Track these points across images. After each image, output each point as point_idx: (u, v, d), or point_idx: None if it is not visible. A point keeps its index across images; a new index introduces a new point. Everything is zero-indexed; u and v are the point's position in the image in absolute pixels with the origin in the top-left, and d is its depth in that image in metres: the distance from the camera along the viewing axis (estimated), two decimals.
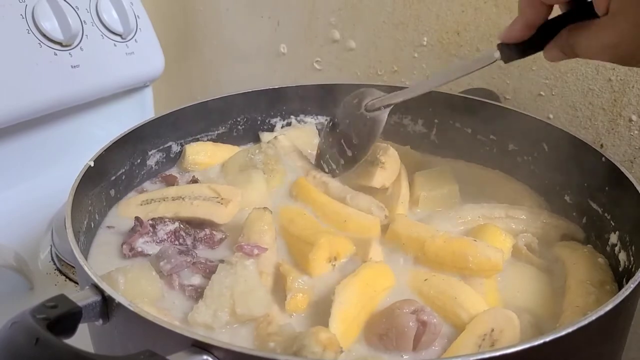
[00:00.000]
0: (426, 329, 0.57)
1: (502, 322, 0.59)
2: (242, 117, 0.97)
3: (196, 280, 0.66)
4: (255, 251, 0.66)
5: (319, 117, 1.00)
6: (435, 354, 0.58)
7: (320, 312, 0.61)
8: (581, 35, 0.59)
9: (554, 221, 0.77)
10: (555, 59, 0.64)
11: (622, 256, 0.68)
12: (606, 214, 0.73)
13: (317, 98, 0.99)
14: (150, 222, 0.72)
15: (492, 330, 0.59)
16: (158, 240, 0.70)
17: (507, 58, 0.66)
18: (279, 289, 0.65)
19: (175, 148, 0.91)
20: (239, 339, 0.59)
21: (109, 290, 0.50)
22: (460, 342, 0.59)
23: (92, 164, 0.72)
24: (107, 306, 0.50)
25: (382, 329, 0.59)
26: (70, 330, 0.47)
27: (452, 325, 0.62)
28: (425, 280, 0.67)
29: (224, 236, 0.73)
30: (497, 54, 0.66)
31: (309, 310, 0.63)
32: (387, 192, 0.84)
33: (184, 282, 0.65)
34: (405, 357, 0.58)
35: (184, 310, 0.62)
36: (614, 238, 0.70)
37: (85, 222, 0.71)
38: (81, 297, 0.49)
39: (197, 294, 0.63)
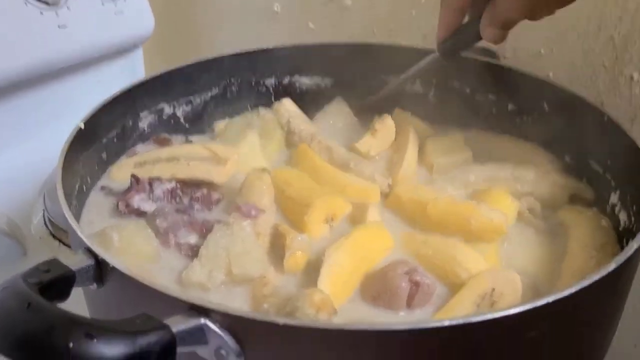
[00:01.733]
0: (419, 289, 0.57)
1: (503, 282, 0.58)
2: (235, 78, 0.94)
3: (192, 239, 0.65)
4: (253, 212, 0.66)
5: (314, 77, 0.98)
6: (429, 314, 0.58)
7: (317, 272, 0.60)
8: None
9: (562, 180, 0.75)
10: (494, 37, 0.68)
11: (622, 216, 0.67)
12: (607, 174, 0.72)
13: (313, 58, 0.96)
14: (148, 179, 0.71)
15: (493, 290, 0.58)
16: (154, 199, 0.70)
17: (445, 55, 0.77)
18: (276, 251, 0.65)
19: (168, 110, 0.89)
20: (233, 301, 0.58)
21: (102, 254, 0.48)
22: (458, 300, 0.58)
23: (82, 126, 0.70)
24: (101, 270, 0.49)
25: (374, 290, 0.59)
26: (64, 294, 0.47)
27: (450, 285, 0.61)
28: (424, 241, 0.66)
29: (220, 196, 0.73)
30: (437, 53, 0.77)
31: (306, 272, 0.62)
32: (392, 160, 0.82)
33: (180, 240, 0.65)
34: (400, 314, 0.58)
35: (180, 271, 0.61)
36: (614, 198, 0.70)
37: (77, 186, 0.69)
38: (74, 261, 0.48)
39: (193, 252, 0.63)
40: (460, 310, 0.57)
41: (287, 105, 0.90)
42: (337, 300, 0.57)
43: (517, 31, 0.66)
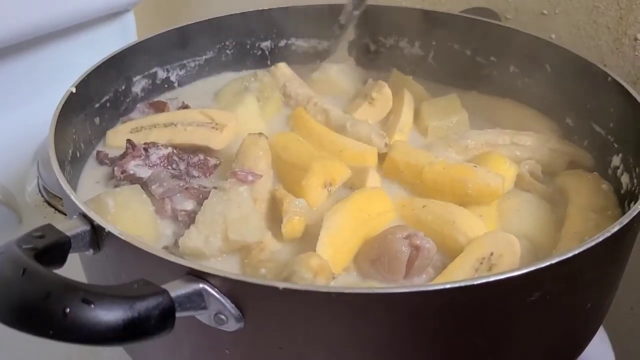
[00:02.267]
0: (419, 253, 0.56)
1: (502, 246, 0.58)
2: (230, 41, 0.92)
3: (189, 205, 0.64)
4: (250, 178, 0.64)
5: (310, 40, 0.95)
6: (429, 278, 0.58)
7: (315, 239, 0.59)
8: None
9: (562, 147, 0.74)
10: None
11: (624, 179, 0.67)
12: (609, 136, 0.71)
13: (309, 20, 0.94)
14: (144, 145, 0.70)
15: (492, 254, 0.57)
16: (150, 164, 0.68)
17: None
18: (273, 216, 0.64)
19: (161, 74, 0.87)
20: (230, 266, 0.58)
21: (98, 219, 0.48)
22: (457, 264, 0.58)
23: (74, 90, 0.68)
24: (96, 235, 0.48)
25: (374, 254, 0.58)
26: (60, 260, 0.46)
27: (449, 251, 0.60)
28: (424, 206, 0.65)
29: (218, 162, 0.72)
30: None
31: (304, 238, 0.62)
32: (387, 121, 0.81)
33: (176, 206, 0.64)
34: (398, 282, 0.57)
35: (176, 238, 0.60)
36: (616, 161, 0.69)
37: (71, 151, 0.68)
38: (69, 226, 0.47)
39: (190, 219, 0.62)
40: (460, 275, 0.56)
41: (283, 69, 0.89)
42: (336, 264, 0.57)
43: None
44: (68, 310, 0.36)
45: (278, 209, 0.63)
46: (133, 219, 0.60)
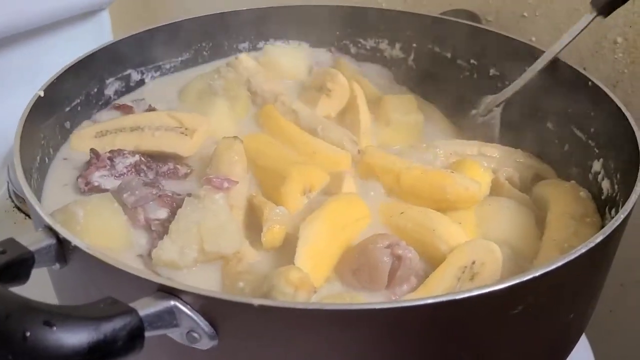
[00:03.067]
0: (401, 263, 0.55)
1: (483, 254, 0.57)
2: (207, 42, 0.90)
3: (162, 214, 0.61)
4: (226, 184, 0.62)
5: (290, 41, 0.94)
6: (411, 288, 0.56)
7: (294, 249, 0.57)
8: None
9: (526, 160, 0.75)
10: None
11: (605, 184, 0.66)
12: (590, 141, 0.71)
13: (287, 21, 0.92)
14: (108, 154, 0.67)
15: (473, 262, 0.57)
16: (117, 175, 0.65)
17: (606, 11, 0.65)
18: (251, 224, 0.62)
19: (136, 76, 0.84)
20: (207, 279, 0.56)
21: (63, 232, 0.45)
22: (439, 273, 0.57)
23: (42, 93, 0.66)
24: (63, 249, 0.46)
25: (355, 264, 0.57)
26: (23, 276, 0.43)
27: (430, 259, 0.59)
28: (402, 213, 0.64)
29: (189, 170, 0.69)
30: (593, 13, 0.65)
31: (283, 246, 0.60)
32: (345, 121, 0.80)
33: (149, 215, 0.61)
34: (380, 292, 0.56)
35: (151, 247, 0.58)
36: (597, 166, 0.68)
37: (39, 157, 0.65)
38: (33, 240, 0.45)
39: (164, 228, 0.59)
40: (442, 284, 0.55)
41: (245, 61, 0.85)
42: (317, 275, 0.55)
43: None
44: (28, 333, 0.34)
45: (256, 217, 0.61)
46: (104, 229, 0.57)
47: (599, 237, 0.46)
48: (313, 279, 0.52)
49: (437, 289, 0.55)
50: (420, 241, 0.60)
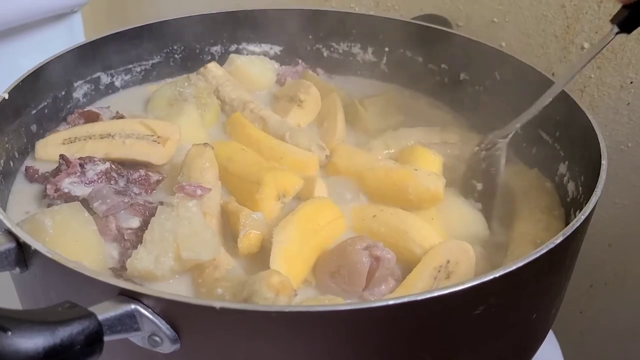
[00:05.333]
0: (380, 264, 0.56)
1: (457, 254, 0.58)
2: (178, 45, 0.89)
3: (135, 223, 0.60)
4: (199, 192, 0.61)
5: (262, 45, 0.94)
6: (389, 289, 0.57)
7: (269, 254, 0.57)
8: None
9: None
10: None
11: (570, 186, 0.67)
12: (556, 144, 0.72)
13: (261, 24, 0.92)
14: (79, 160, 0.65)
15: (448, 262, 0.58)
16: (87, 182, 0.63)
17: (630, 27, 0.59)
18: (225, 231, 0.61)
19: (105, 79, 0.83)
20: (185, 287, 0.55)
21: (24, 236, 0.45)
22: (416, 274, 0.58)
23: (6, 96, 0.65)
24: (23, 253, 0.45)
25: (333, 266, 0.57)
26: None
27: (404, 261, 0.60)
28: (374, 216, 0.64)
29: (160, 177, 0.67)
30: (616, 28, 0.59)
31: (259, 252, 0.59)
32: (322, 127, 0.80)
33: (121, 224, 0.60)
34: (358, 293, 0.56)
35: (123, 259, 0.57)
36: (563, 168, 0.69)
37: (3, 162, 0.64)
38: None
39: (137, 238, 0.58)
40: (420, 284, 0.56)
41: (214, 70, 0.85)
42: (293, 278, 0.55)
43: None
44: None
45: (231, 223, 0.61)
46: (75, 240, 0.56)
47: (559, 239, 0.47)
48: (290, 279, 0.52)
49: (415, 289, 0.56)
50: (394, 245, 0.61)
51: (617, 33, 0.60)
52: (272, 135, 0.75)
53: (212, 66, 0.85)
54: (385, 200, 0.66)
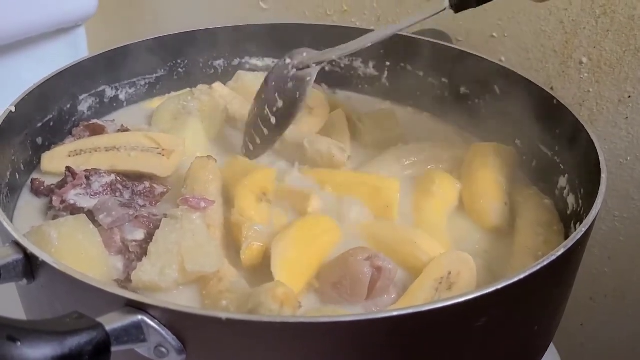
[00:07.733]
0: (381, 274, 0.56)
1: (458, 265, 0.59)
2: (182, 59, 0.90)
3: (139, 235, 0.61)
4: (202, 204, 0.61)
5: (265, 59, 0.95)
6: (390, 300, 0.58)
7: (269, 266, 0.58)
8: None
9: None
10: None
11: (570, 199, 0.68)
12: (556, 158, 0.73)
13: (263, 39, 0.93)
14: (85, 172, 0.66)
15: (449, 273, 0.58)
16: (92, 193, 0.64)
17: (456, 7, 0.63)
18: (229, 243, 0.62)
19: (110, 92, 0.84)
20: (191, 299, 0.55)
21: (31, 248, 0.45)
22: (417, 286, 0.58)
23: (13, 109, 0.65)
24: (30, 265, 0.46)
25: (335, 277, 0.58)
26: None
27: (408, 270, 0.61)
28: (379, 225, 0.65)
29: (165, 190, 0.68)
30: (446, 2, 0.64)
31: (262, 263, 0.60)
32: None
33: (126, 236, 0.60)
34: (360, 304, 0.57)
35: (128, 271, 0.57)
36: (562, 181, 0.70)
37: (9, 174, 0.65)
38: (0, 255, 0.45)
39: (142, 250, 0.59)
40: (422, 295, 0.57)
41: (220, 90, 0.86)
42: (296, 286, 0.56)
43: (471, 13, 0.65)
44: None
45: (234, 235, 0.62)
46: (80, 252, 0.56)
47: (560, 251, 0.47)
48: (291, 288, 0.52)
49: (417, 299, 0.57)
50: (400, 252, 0.61)
51: (445, 9, 0.64)
52: (289, 143, 0.75)
53: (217, 86, 0.86)
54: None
